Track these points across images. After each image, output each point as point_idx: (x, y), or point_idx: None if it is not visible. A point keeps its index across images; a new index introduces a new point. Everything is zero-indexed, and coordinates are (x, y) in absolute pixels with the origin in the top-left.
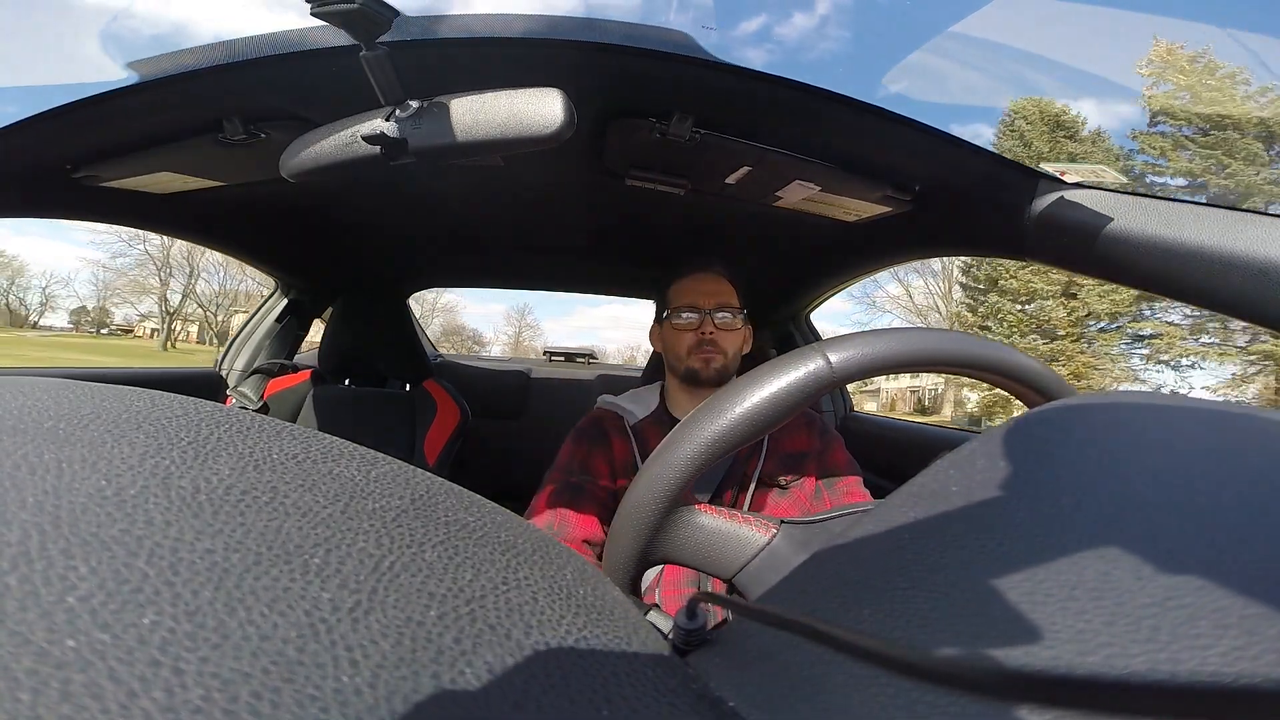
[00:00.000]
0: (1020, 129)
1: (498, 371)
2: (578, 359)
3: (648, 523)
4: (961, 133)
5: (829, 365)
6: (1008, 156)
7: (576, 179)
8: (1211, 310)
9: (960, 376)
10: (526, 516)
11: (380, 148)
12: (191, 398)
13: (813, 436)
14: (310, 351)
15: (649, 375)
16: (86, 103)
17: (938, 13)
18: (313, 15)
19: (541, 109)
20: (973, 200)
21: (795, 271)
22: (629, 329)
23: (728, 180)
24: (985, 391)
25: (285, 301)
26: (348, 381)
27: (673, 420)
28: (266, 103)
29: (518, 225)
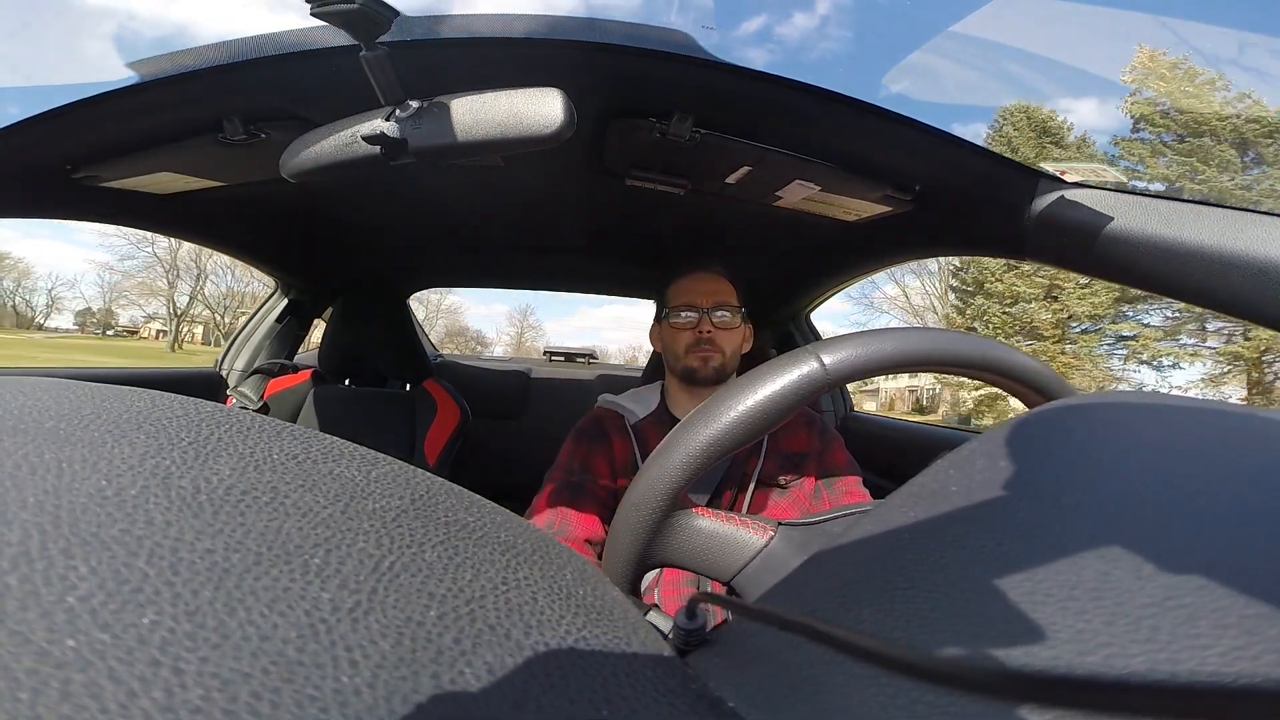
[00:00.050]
0: (1008, 134)
1: (498, 371)
2: (578, 359)
3: (645, 527)
4: (963, 132)
5: (823, 368)
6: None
7: (576, 179)
8: (1211, 310)
9: (956, 376)
10: (527, 516)
11: (380, 148)
12: (191, 398)
13: (812, 436)
14: (310, 352)
15: (649, 375)
16: (86, 103)
17: (938, 13)
18: (313, 15)
19: (541, 109)
20: (973, 200)
21: (795, 271)
22: (631, 329)
23: (728, 180)
24: (977, 390)
25: (285, 301)
26: (348, 381)
27: (673, 420)
28: (266, 103)
29: (518, 225)
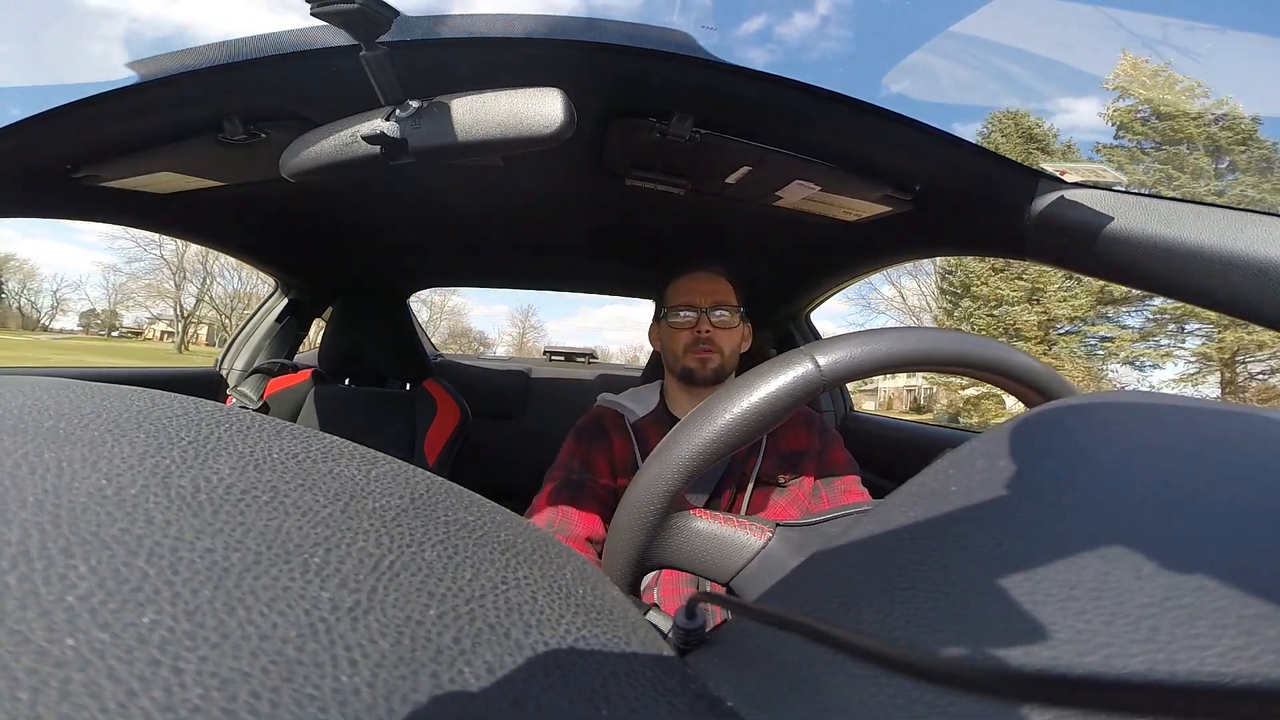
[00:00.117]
0: (995, 141)
1: (498, 371)
2: (577, 359)
3: (643, 529)
4: (964, 132)
5: (818, 369)
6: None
7: (576, 179)
8: (1211, 310)
9: (945, 376)
10: (528, 515)
11: (380, 148)
12: (191, 397)
13: (811, 435)
14: (310, 353)
15: (649, 374)
16: (86, 103)
17: (939, 12)
18: (313, 15)
19: (541, 109)
20: (973, 200)
21: (795, 271)
22: (632, 329)
23: (728, 180)
24: (963, 390)
25: (285, 301)
26: (348, 381)
27: (672, 419)
28: (266, 103)
29: (518, 225)
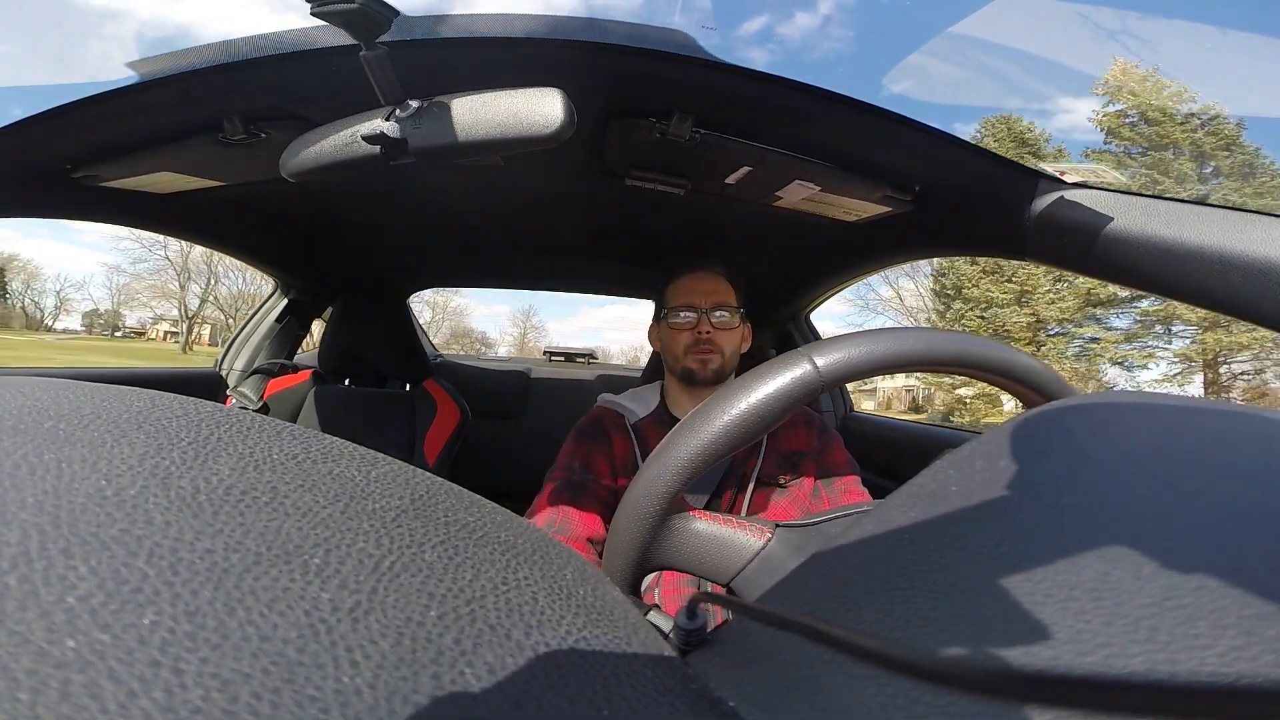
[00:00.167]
0: (988, 146)
1: (498, 372)
2: (577, 359)
3: (643, 531)
4: (966, 132)
5: (816, 370)
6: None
7: (576, 179)
8: (1212, 310)
9: (938, 377)
10: (528, 515)
11: (380, 148)
12: (191, 398)
13: (811, 436)
14: (310, 353)
15: (649, 375)
16: (86, 103)
17: (940, 12)
18: (313, 15)
19: (541, 109)
20: (973, 200)
21: (795, 271)
22: (633, 329)
23: (728, 180)
24: (953, 391)
25: (285, 301)
26: (348, 381)
27: (672, 419)
28: (266, 103)
29: (518, 225)
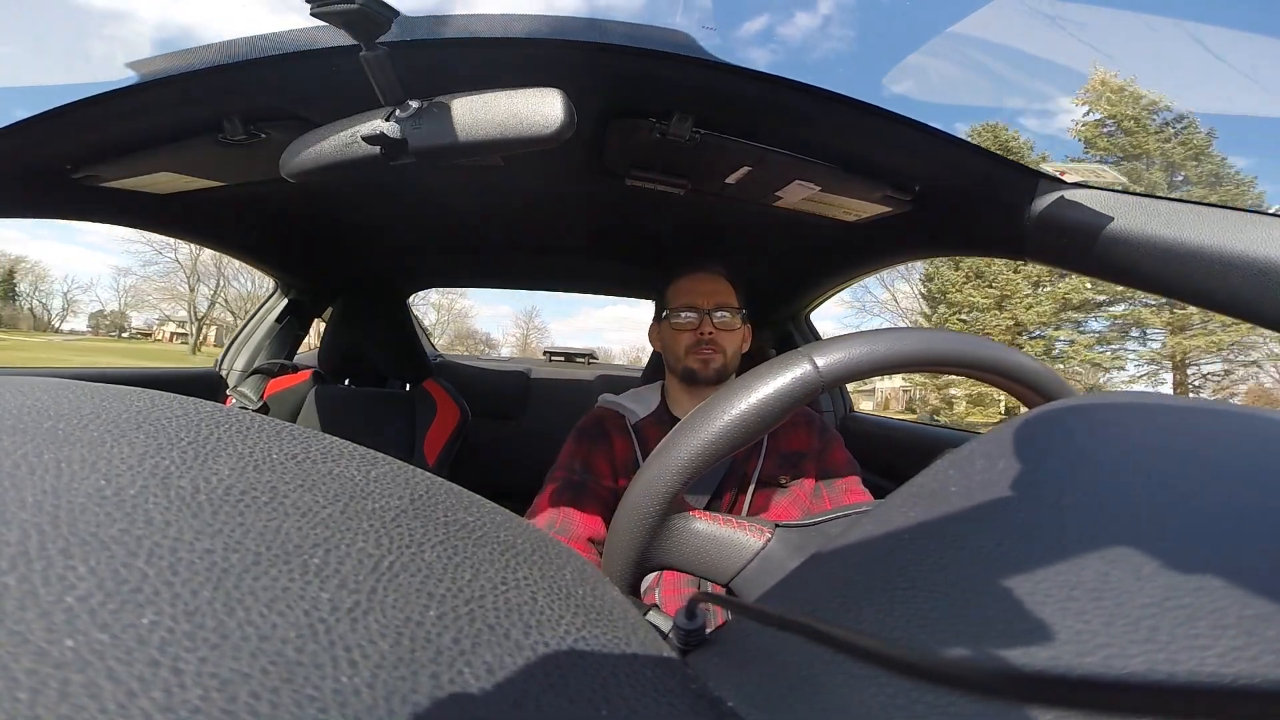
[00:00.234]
0: None
1: (497, 372)
2: (577, 359)
3: (642, 531)
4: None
5: (816, 370)
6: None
7: (576, 179)
8: (1212, 310)
9: (931, 378)
10: (529, 515)
11: (380, 148)
12: (191, 398)
13: (812, 436)
14: (310, 353)
15: (649, 375)
16: (86, 103)
17: (941, 12)
18: (313, 15)
19: (541, 109)
20: (973, 200)
21: (795, 271)
22: (634, 330)
23: (728, 180)
24: (939, 391)
25: (285, 301)
26: (348, 381)
27: (673, 420)
28: (266, 103)
29: (518, 225)
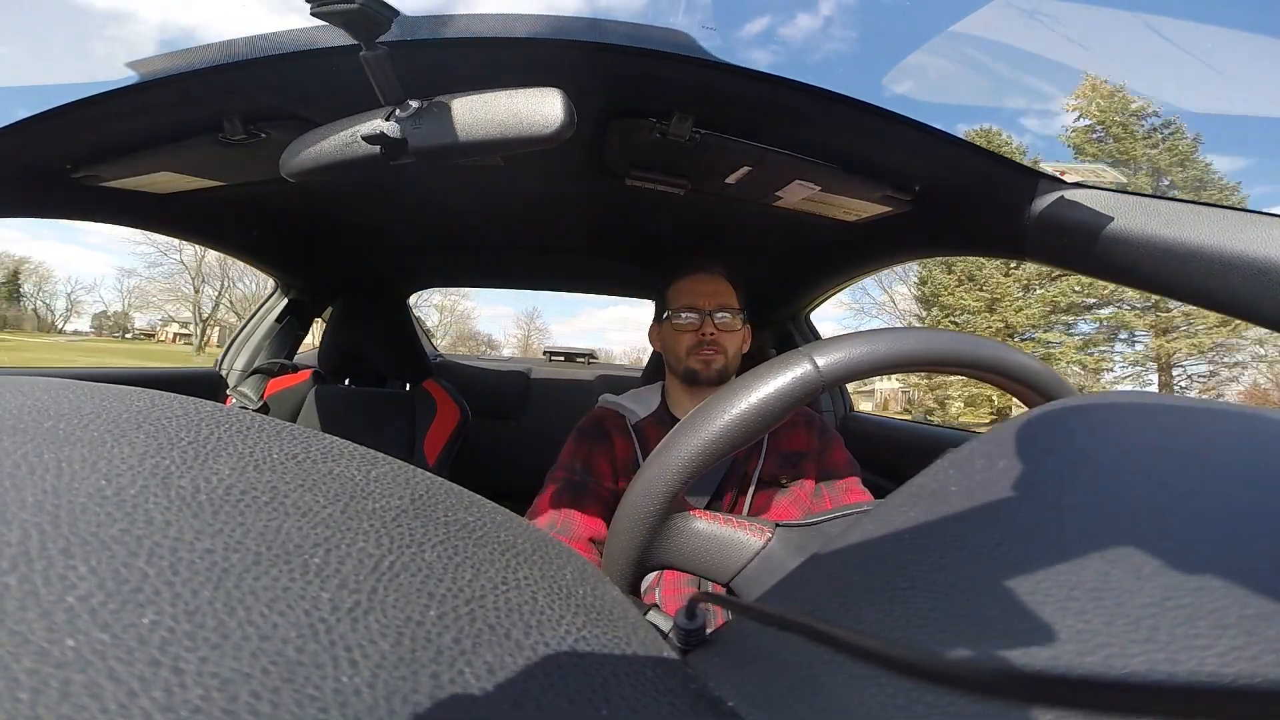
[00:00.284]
0: None
1: (498, 372)
2: (577, 359)
3: (643, 530)
4: (968, 133)
5: (816, 370)
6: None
7: (577, 179)
8: (1211, 310)
9: (924, 378)
10: (529, 515)
11: (380, 148)
12: (191, 398)
13: (812, 436)
14: (310, 353)
15: (649, 375)
16: (86, 103)
17: (942, 12)
18: (313, 15)
19: (541, 109)
20: (973, 200)
21: (795, 271)
22: (635, 330)
23: (728, 180)
24: (931, 392)
25: (285, 301)
26: (348, 381)
27: (674, 420)
28: (266, 103)
29: (518, 225)
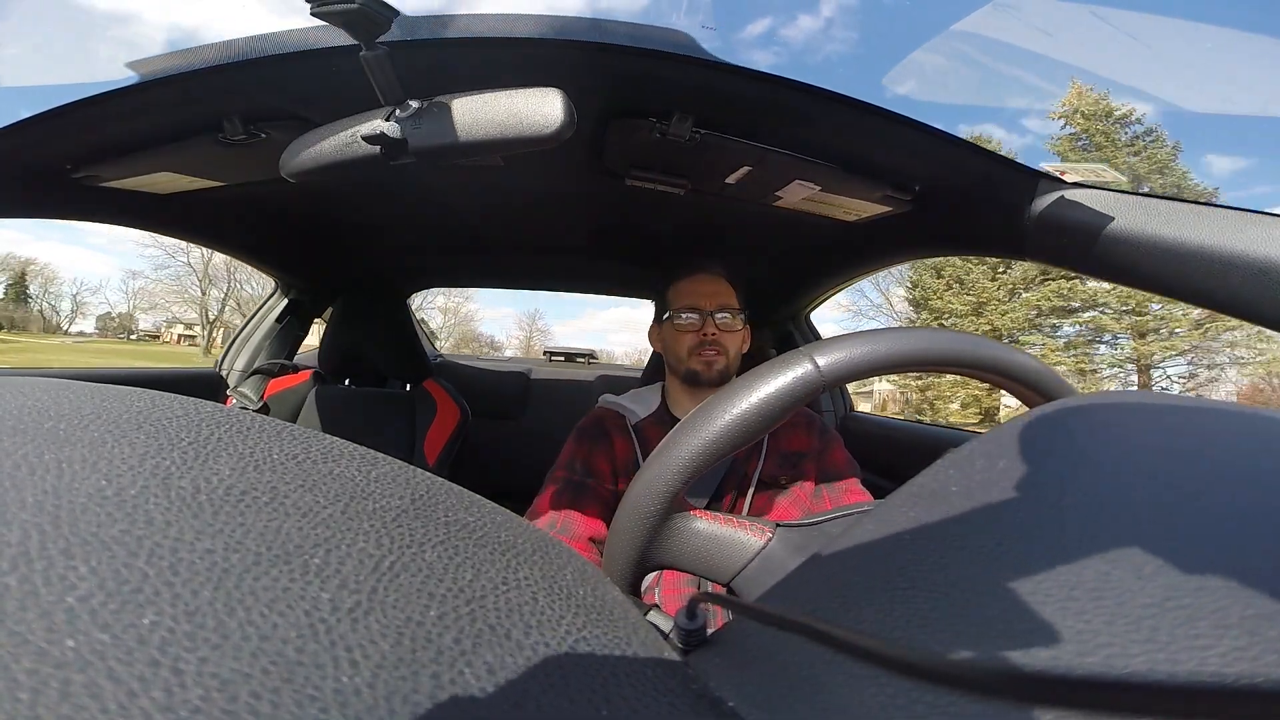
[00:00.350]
0: None
1: (497, 372)
2: (577, 359)
3: (643, 530)
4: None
5: (817, 370)
6: None
7: (576, 179)
8: (1211, 310)
9: (920, 378)
10: (530, 515)
11: (380, 148)
12: (191, 398)
13: (812, 436)
14: (310, 353)
15: (649, 375)
16: (86, 103)
17: (942, 12)
18: (313, 15)
19: (541, 109)
20: (973, 200)
21: (795, 271)
22: (636, 331)
23: (728, 180)
24: (922, 392)
25: (285, 301)
26: (348, 381)
27: (674, 420)
28: (266, 103)
29: (518, 225)
